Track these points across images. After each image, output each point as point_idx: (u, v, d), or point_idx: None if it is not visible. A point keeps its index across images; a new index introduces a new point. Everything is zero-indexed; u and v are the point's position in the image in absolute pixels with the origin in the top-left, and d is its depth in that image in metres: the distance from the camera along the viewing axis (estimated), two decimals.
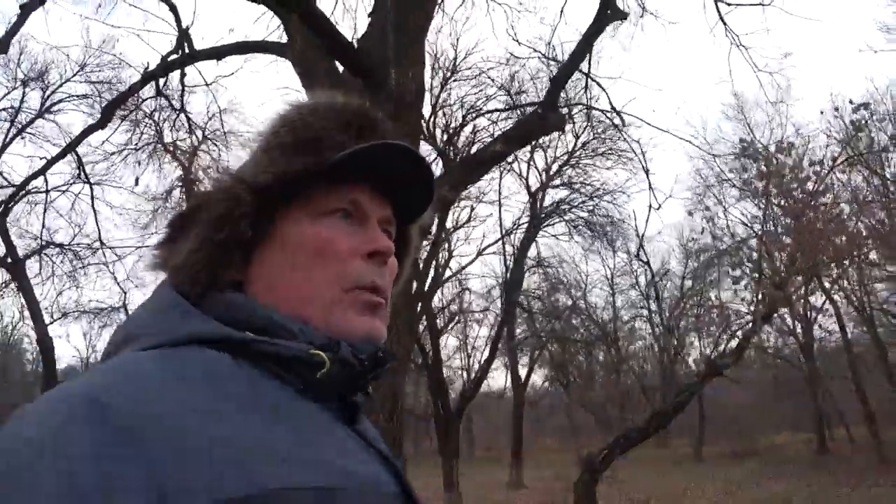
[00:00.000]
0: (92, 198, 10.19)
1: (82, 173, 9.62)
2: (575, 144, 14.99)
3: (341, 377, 0.64)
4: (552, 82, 5.33)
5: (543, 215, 16.46)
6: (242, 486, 0.50)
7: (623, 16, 5.82)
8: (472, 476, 16.90)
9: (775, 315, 6.83)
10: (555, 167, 15.80)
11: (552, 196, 16.80)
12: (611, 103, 7.13)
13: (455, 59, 12.56)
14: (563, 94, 6.61)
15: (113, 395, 0.51)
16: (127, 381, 0.53)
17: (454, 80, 12.51)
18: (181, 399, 0.53)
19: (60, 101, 11.53)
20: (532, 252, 17.22)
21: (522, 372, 19.17)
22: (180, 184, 15.52)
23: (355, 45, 4.53)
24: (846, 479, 13.54)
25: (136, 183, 10.21)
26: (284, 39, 5.31)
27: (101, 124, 6.80)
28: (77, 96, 11.56)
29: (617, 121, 7.05)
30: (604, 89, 9.14)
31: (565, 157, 15.15)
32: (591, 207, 16.30)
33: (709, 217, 9.91)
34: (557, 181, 16.04)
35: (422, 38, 5.02)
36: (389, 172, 0.71)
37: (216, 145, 9.72)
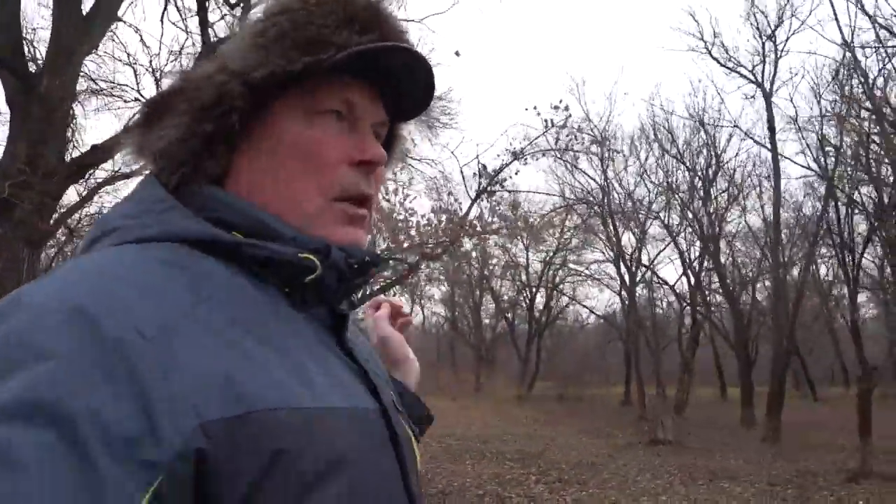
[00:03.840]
0: None
1: None
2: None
3: (330, 282, 0.63)
4: None
5: None
6: (231, 406, 0.48)
7: None
8: None
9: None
10: None
11: None
12: None
13: None
14: None
15: (100, 304, 0.47)
16: (113, 287, 0.49)
17: None
18: (171, 306, 0.50)
19: None
20: None
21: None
22: None
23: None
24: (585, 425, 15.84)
25: None
26: None
27: None
28: None
29: None
30: None
31: None
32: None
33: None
34: None
35: (76, 61, 6.60)
36: (389, 72, 0.68)
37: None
